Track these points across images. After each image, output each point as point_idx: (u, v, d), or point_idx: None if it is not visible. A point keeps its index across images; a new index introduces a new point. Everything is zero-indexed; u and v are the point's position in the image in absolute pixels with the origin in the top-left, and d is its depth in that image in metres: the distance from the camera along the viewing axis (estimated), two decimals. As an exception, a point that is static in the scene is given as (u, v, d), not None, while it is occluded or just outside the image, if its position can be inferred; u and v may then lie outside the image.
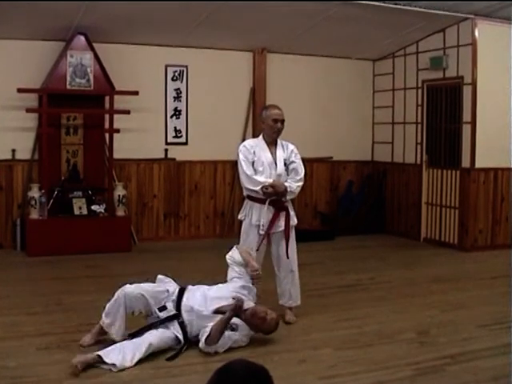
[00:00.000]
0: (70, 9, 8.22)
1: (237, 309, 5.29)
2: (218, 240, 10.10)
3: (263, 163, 6.07)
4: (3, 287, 7.12)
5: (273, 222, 6.04)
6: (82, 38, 9.04)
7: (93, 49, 9.08)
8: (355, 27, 9.57)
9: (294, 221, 6.16)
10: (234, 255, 5.81)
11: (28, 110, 8.95)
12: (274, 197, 5.99)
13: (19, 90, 8.76)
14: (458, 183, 9.85)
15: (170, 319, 5.33)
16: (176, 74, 10.18)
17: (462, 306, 6.67)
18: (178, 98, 10.20)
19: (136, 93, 9.28)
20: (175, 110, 10.21)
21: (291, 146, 6.21)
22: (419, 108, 10.52)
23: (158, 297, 5.41)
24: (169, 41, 9.84)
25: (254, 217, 6.13)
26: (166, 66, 10.12)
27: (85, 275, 7.77)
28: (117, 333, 5.28)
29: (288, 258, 6.10)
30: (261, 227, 6.07)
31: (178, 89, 10.21)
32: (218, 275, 5.98)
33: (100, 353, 4.86)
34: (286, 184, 6.03)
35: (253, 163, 6.10)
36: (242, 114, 10.52)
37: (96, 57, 9.08)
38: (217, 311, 5.34)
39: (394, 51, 10.98)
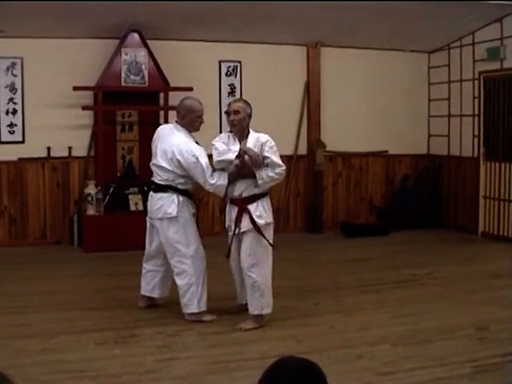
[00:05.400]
0: (123, 6, 8.30)
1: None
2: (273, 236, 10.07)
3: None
4: (61, 283, 7.25)
5: (236, 223, 5.77)
6: (136, 35, 9.12)
7: (147, 46, 9.16)
8: (409, 19, 9.44)
9: (259, 221, 5.74)
10: None
11: (84, 108, 9.07)
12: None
13: (75, 88, 8.89)
14: (516, 176, 9.67)
15: None
16: (230, 69, 10.20)
17: (522, 302, 6.55)
18: (232, 93, 10.21)
19: (190, 89, 9.29)
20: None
21: (263, 139, 5.91)
22: (476, 100, 10.33)
23: None
24: (222, 36, 9.85)
25: (226, 217, 6.00)
26: (220, 62, 10.14)
27: (141, 271, 7.82)
28: None
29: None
30: (230, 229, 5.87)
31: (232, 84, 10.23)
32: (274, 269, 5.97)
33: None
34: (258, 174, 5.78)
35: None
36: (297, 109, 10.47)
37: (150, 53, 9.16)
38: None
39: (450, 42, 10.79)
